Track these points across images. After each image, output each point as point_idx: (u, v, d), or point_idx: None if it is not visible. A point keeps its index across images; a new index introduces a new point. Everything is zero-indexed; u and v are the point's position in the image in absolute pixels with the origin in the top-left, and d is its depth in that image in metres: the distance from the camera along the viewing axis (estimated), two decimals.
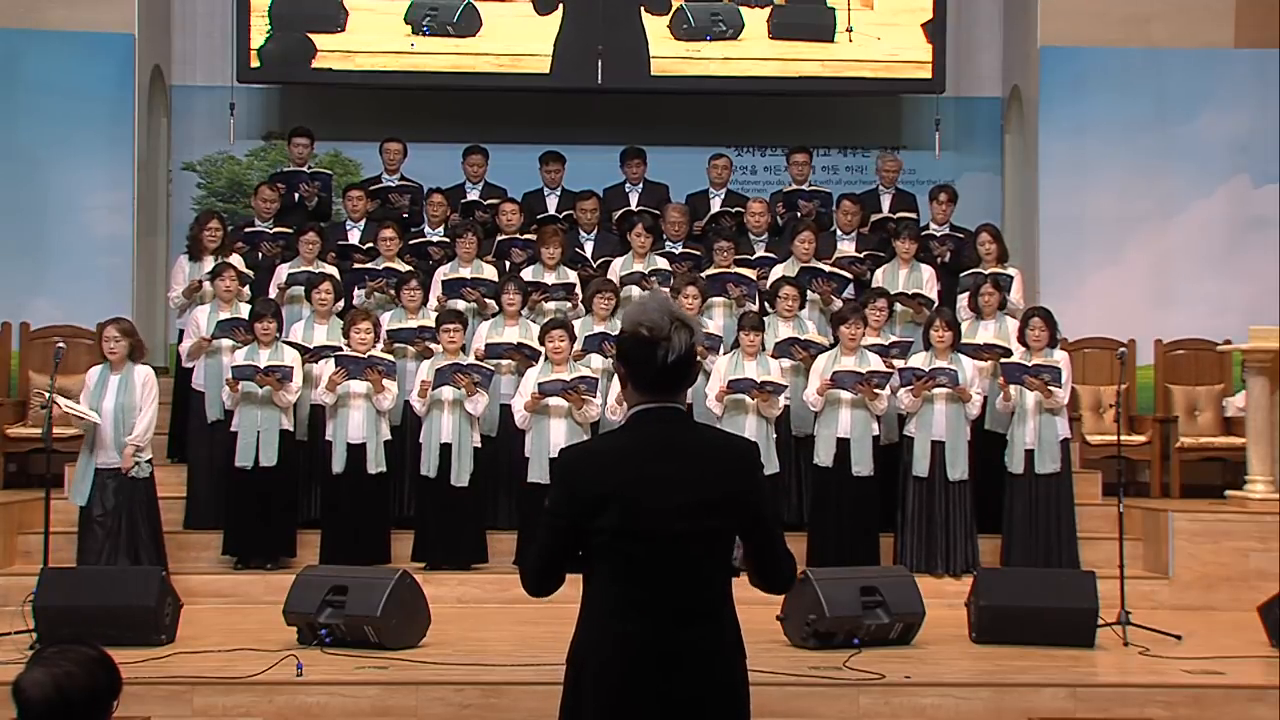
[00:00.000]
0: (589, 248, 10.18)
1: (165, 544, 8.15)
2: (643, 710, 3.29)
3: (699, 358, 3.46)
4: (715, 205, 10.55)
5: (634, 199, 10.63)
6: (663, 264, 9.64)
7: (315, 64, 11.23)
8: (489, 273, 9.55)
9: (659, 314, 3.33)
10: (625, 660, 3.30)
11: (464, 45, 11.30)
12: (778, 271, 9.53)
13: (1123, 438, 8.17)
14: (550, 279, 9.47)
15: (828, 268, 9.52)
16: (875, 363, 8.66)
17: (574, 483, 3.39)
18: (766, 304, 9.34)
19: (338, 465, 8.47)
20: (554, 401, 8.47)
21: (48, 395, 7.56)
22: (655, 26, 11.31)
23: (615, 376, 8.54)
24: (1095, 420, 10.30)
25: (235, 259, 9.38)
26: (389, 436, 8.62)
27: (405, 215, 10.31)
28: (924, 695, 6.27)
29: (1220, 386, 10.58)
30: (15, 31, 10.71)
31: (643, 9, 11.28)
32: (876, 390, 8.52)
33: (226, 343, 8.84)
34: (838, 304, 9.31)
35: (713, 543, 3.37)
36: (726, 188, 10.72)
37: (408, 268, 9.47)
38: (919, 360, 8.68)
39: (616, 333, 3.43)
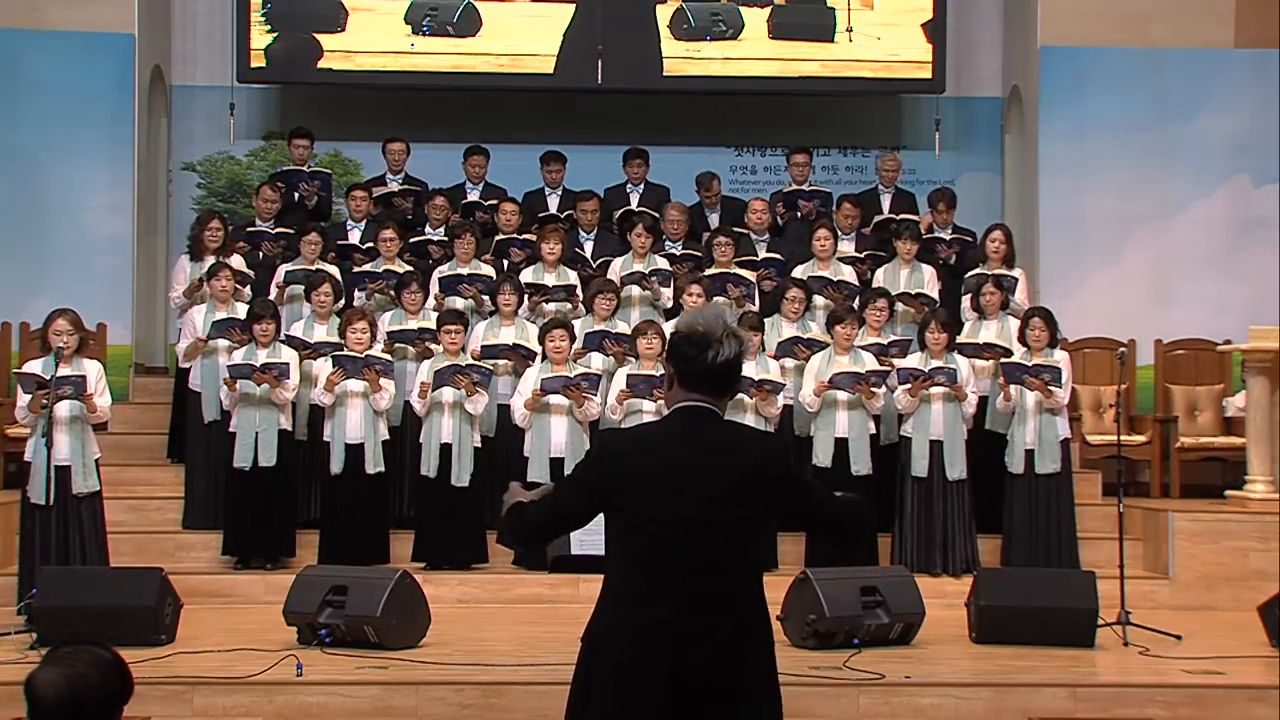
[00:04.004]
0: (589, 248, 10.18)
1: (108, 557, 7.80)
2: (651, 689, 3.36)
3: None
4: (713, 221, 10.56)
5: (635, 199, 10.63)
6: (663, 264, 9.64)
7: (319, 64, 11.25)
8: (487, 272, 9.55)
9: (715, 319, 3.51)
10: (640, 641, 3.37)
11: (464, 45, 11.31)
12: (797, 274, 9.51)
13: (1123, 438, 8.16)
14: (550, 279, 9.47)
15: (836, 273, 9.51)
16: (870, 362, 8.67)
17: (608, 457, 3.54)
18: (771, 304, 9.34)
19: (336, 466, 8.47)
20: (554, 400, 8.47)
21: (48, 396, 7.49)
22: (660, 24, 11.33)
23: (613, 376, 8.65)
24: (1095, 420, 10.30)
25: (235, 259, 9.37)
26: (387, 436, 8.61)
27: (409, 217, 10.31)
28: (924, 695, 6.26)
29: (1220, 386, 10.58)
30: (15, 31, 10.72)
31: (656, 5, 11.29)
32: (873, 390, 8.53)
33: (223, 343, 8.83)
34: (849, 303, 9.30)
35: (739, 532, 3.46)
36: (721, 196, 10.74)
37: (408, 268, 9.47)
38: (915, 360, 8.69)
39: (671, 334, 3.59)
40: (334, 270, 9.41)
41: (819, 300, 9.41)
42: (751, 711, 3.44)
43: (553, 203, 10.59)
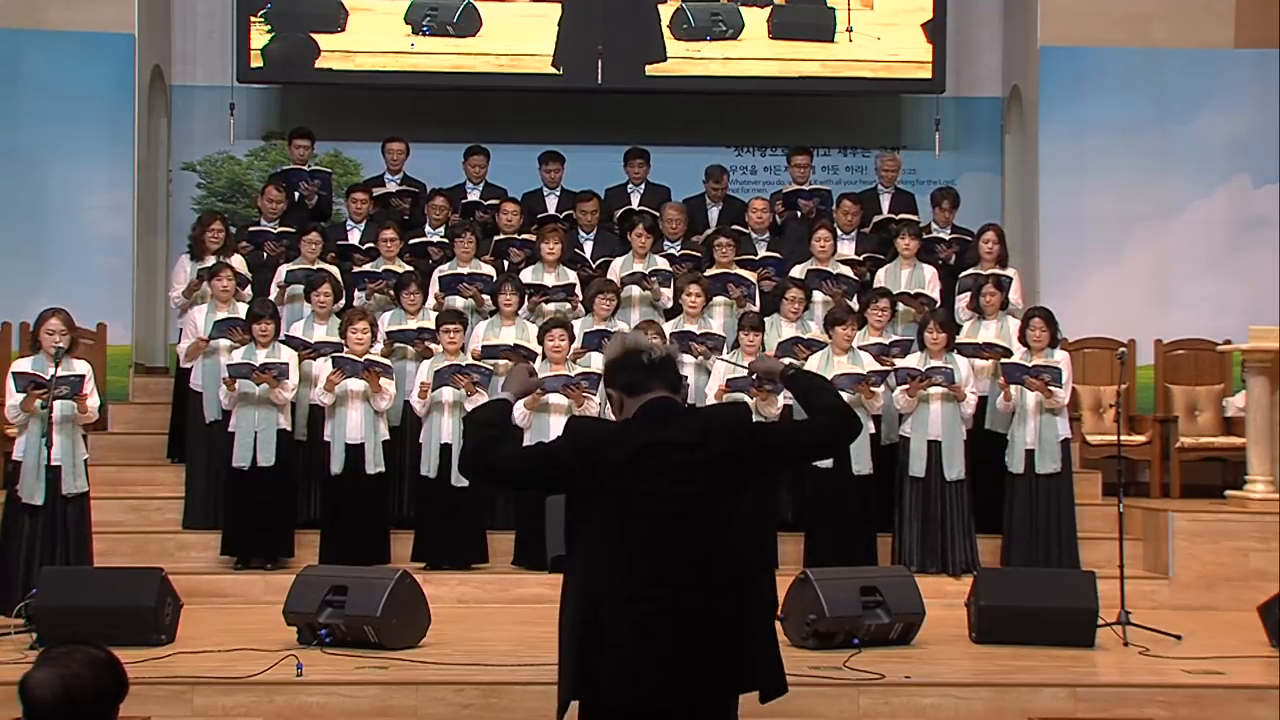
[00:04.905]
0: (589, 248, 10.18)
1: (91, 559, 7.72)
2: (658, 676, 3.41)
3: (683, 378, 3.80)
4: (712, 215, 10.55)
5: (636, 200, 10.63)
6: (663, 264, 9.64)
7: (318, 64, 11.25)
8: (487, 272, 9.55)
9: (637, 335, 3.83)
10: (642, 629, 3.43)
11: (464, 45, 11.31)
12: (796, 273, 9.51)
13: (1123, 438, 8.15)
14: (550, 279, 9.47)
15: (835, 270, 9.51)
16: (869, 362, 8.68)
17: (581, 444, 3.59)
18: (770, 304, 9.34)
19: (336, 466, 8.47)
20: (554, 399, 8.48)
21: (47, 395, 7.45)
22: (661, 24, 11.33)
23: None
24: (1095, 420, 10.30)
25: (235, 259, 9.37)
26: (387, 436, 8.61)
27: (406, 217, 10.31)
28: (924, 695, 6.26)
29: (1220, 386, 10.58)
30: (15, 31, 10.72)
31: (657, 4, 11.31)
32: (873, 390, 8.54)
33: (224, 343, 8.83)
34: (849, 302, 9.29)
35: (724, 508, 3.53)
36: (724, 195, 10.74)
37: (408, 268, 9.47)
38: (914, 360, 8.69)
39: (604, 367, 3.81)
40: (334, 270, 9.41)
41: (818, 297, 9.41)
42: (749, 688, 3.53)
43: (551, 203, 10.59)
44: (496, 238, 9.95)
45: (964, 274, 9.59)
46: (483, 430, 3.69)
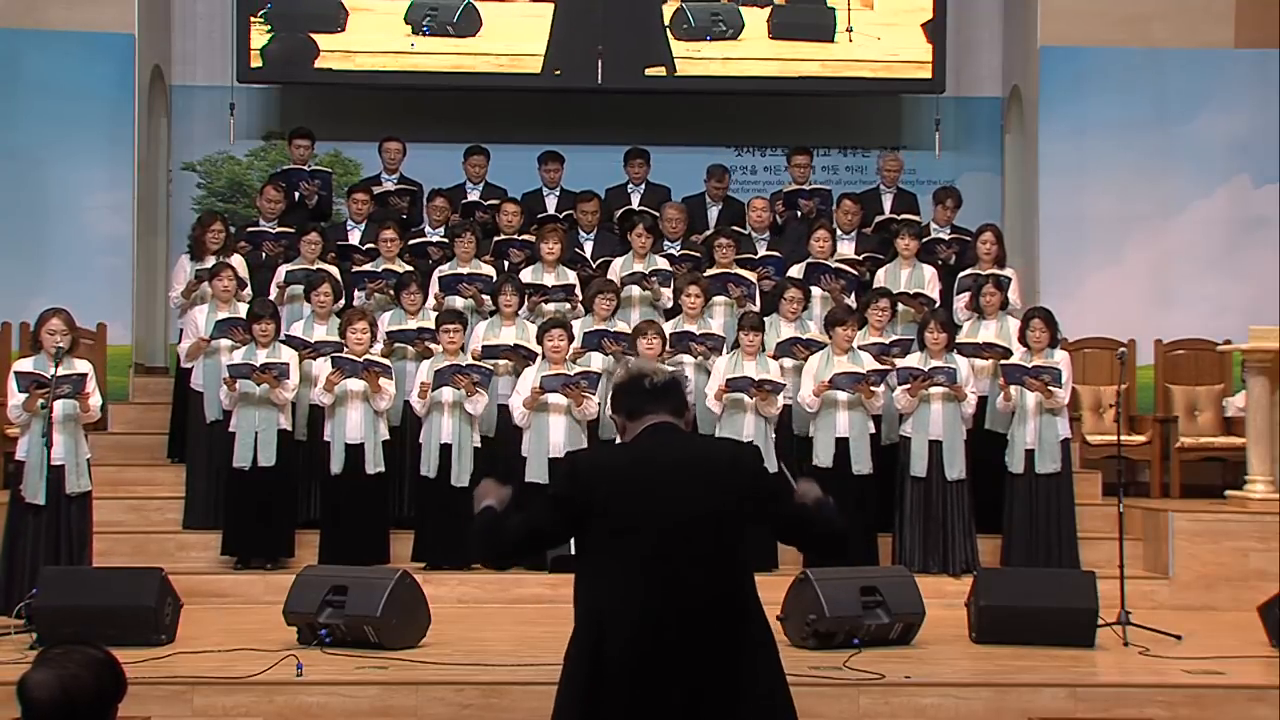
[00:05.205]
0: (589, 248, 10.18)
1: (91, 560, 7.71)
2: (658, 681, 3.42)
3: (690, 395, 3.77)
4: (712, 215, 10.55)
5: (636, 200, 10.62)
6: (663, 264, 9.64)
7: (317, 64, 11.25)
8: (487, 272, 9.55)
9: (643, 362, 3.87)
10: (641, 635, 3.43)
11: (464, 45, 11.31)
12: (794, 272, 9.51)
13: (1123, 438, 8.15)
14: (549, 279, 9.47)
15: (834, 264, 9.52)
16: (868, 362, 8.68)
17: (581, 470, 3.60)
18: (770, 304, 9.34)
19: (336, 466, 8.47)
20: (553, 399, 8.48)
21: (48, 395, 7.45)
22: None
23: (613, 376, 8.65)
24: (1095, 420, 10.30)
25: (235, 259, 9.37)
26: (387, 436, 8.61)
27: (404, 216, 10.31)
28: (924, 695, 6.26)
29: (1220, 386, 10.59)
30: (15, 31, 10.72)
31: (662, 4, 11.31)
32: (873, 389, 8.54)
33: (225, 343, 8.84)
34: (848, 302, 9.30)
35: (722, 533, 3.52)
36: (725, 195, 10.73)
37: (408, 268, 9.47)
38: (914, 360, 8.70)
39: (610, 394, 3.83)
40: (334, 270, 9.41)
41: (816, 294, 9.40)
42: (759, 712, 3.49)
43: (551, 203, 10.59)
44: (496, 238, 9.95)
45: (963, 274, 9.59)
46: (482, 523, 3.67)
